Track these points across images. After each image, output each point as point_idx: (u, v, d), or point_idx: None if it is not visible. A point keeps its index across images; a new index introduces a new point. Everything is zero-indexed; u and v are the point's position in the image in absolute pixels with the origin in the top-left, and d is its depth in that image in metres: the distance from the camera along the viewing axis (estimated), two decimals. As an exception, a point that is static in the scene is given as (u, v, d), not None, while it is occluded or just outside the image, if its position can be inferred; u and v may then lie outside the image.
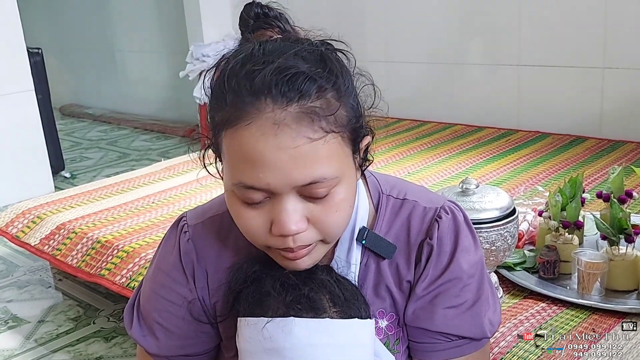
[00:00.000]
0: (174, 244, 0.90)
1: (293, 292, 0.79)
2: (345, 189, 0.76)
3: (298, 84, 0.70)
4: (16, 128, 3.32)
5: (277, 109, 0.70)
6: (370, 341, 0.82)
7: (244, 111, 0.70)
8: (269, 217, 0.75)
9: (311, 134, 0.70)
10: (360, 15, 3.61)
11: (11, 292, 2.30)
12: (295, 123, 0.70)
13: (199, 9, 4.14)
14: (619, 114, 2.80)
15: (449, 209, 0.88)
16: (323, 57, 0.75)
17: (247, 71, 0.72)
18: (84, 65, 5.85)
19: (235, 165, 0.73)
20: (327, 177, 0.72)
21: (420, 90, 3.46)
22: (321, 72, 0.72)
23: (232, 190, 0.75)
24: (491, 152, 2.69)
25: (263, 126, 0.70)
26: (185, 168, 2.70)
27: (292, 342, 0.77)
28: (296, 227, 0.73)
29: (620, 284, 1.44)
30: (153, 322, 0.90)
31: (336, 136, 0.73)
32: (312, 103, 0.71)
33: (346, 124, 0.74)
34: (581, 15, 2.81)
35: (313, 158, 0.71)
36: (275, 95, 0.70)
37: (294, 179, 0.71)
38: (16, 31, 3.28)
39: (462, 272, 0.86)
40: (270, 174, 0.71)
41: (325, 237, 0.77)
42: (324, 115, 0.71)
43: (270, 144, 0.69)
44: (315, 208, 0.74)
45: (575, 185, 1.56)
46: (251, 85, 0.71)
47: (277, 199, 0.73)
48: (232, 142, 0.72)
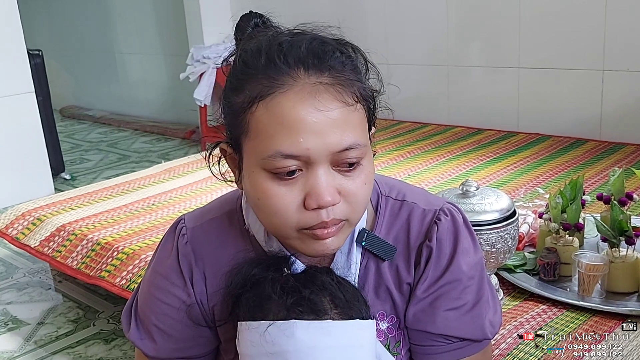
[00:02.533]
0: (172, 247, 0.90)
1: (294, 295, 0.79)
2: (370, 163, 0.79)
3: (329, 54, 0.75)
4: (16, 130, 3.32)
5: (311, 75, 0.73)
6: (372, 342, 0.82)
7: (279, 80, 0.73)
8: (302, 191, 0.75)
9: (346, 97, 0.74)
10: (360, 17, 3.62)
11: (11, 293, 2.30)
12: (331, 87, 0.73)
13: (199, 11, 4.14)
14: (618, 116, 2.80)
15: (448, 211, 0.88)
16: (339, 40, 0.79)
17: (280, 42, 0.75)
18: (84, 67, 5.86)
19: (271, 135, 0.73)
20: (360, 144, 0.75)
21: (421, 92, 3.46)
22: (347, 48, 0.78)
23: (262, 167, 0.75)
24: (491, 154, 2.69)
25: (301, 91, 0.72)
26: (185, 170, 2.70)
27: (295, 345, 0.76)
28: (332, 198, 0.74)
29: (621, 286, 1.43)
30: (151, 325, 0.90)
31: (362, 108, 0.77)
32: (343, 73, 0.75)
33: (367, 99, 0.78)
34: (581, 17, 2.81)
35: (348, 123, 0.74)
36: (309, 65, 0.74)
37: (332, 143, 0.73)
38: (17, 33, 3.29)
39: (462, 274, 0.86)
40: (310, 138, 0.72)
41: (353, 213, 0.78)
42: (354, 85, 0.75)
43: (309, 107, 0.72)
44: (345, 181, 0.76)
45: (576, 188, 1.56)
46: (285, 55, 0.74)
47: (311, 171, 0.74)
48: (266, 113, 0.73)
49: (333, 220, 0.76)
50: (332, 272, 0.84)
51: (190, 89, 4.05)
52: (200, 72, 3.96)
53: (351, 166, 0.75)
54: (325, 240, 0.77)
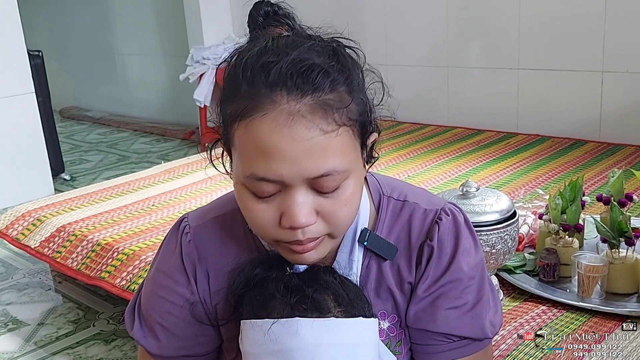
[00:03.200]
0: (176, 245, 0.90)
1: (297, 294, 0.79)
2: (354, 183, 0.77)
3: (312, 76, 0.71)
4: (16, 130, 3.32)
5: (291, 100, 0.71)
6: (375, 340, 0.82)
7: (259, 102, 0.71)
8: (279, 209, 0.75)
9: (325, 126, 0.71)
10: (360, 18, 3.62)
11: (11, 294, 2.30)
12: (310, 115, 0.70)
13: (199, 12, 4.14)
14: (618, 117, 2.80)
15: (450, 211, 0.88)
16: (335, 51, 0.76)
17: (263, 63, 0.72)
18: (84, 68, 5.86)
19: (249, 156, 0.73)
20: (338, 170, 0.73)
21: (420, 93, 3.47)
22: (335, 65, 0.73)
23: (243, 183, 0.76)
24: (491, 155, 2.69)
25: (278, 117, 0.70)
26: (185, 170, 2.70)
27: (298, 343, 0.77)
28: (306, 220, 0.74)
29: (620, 286, 1.44)
30: (154, 323, 0.90)
31: (347, 130, 0.74)
32: (326, 96, 0.72)
33: (357, 118, 0.75)
34: (580, 18, 2.81)
35: (325, 150, 0.72)
36: (290, 88, 0.71)
37: (307, 170, 0.72)
38: (17, 34, 3.29)
39: (463, 274, 0.86)
40: (283, 166, 0.71)
41: (334, 230, 0.78)
42: (337, 108, 0.72)
43: (284, 135, 0.70)
44: (324, 202, 0.75)
45: (575, 189, 1.56)
46: (266, 77, 0.71)
47: (288, 192, 0.74)
48: (245, 134, 0.73)
49: (309, 238, 0.76)
50: (335, 271, 0.85)
51: (190, 90, 4.05)
52: (200, 73, 3.97)
53: (329, 190, 0.74)
54: (303, 254, 0.78)
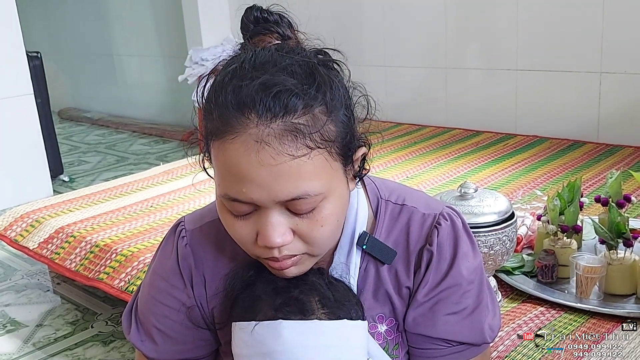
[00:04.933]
0: (172, 249, 0.90)
1: (283, 295, 0.80)
2: (333, 204, 0.76)
3: (282, 100, 0.69)
4: (15, 132, 3.32)
5: (261, 124, 0.69)
6: (362, 343, 0.82)
7: (230, 125, 0.71)
8: (255, 227, 0.75)
9: (294, 151, 0.70)
10: (359, 19, 3.62)
11: (9, 295, 2.30)
12: (278, 140, 0.69)
13: (197, 13, 4.14)
14: (616, 118, 2.80)
15: (448, 216, 0.88)
16: (312, 71, 0.73)
17: (234, 86, 0.72)
18: (82, 69, 5.85)
19: (222, 177, 0.74)
20: (311, 194, 0.72)
21: (418, 94, 3.47)
22: (307, 88, 0.71)
23: (220, 199, 0.76)
24: (489, 156, 2.69)
25: (246, 142, 0.70)
26: (183, 172, 2.71)
27: (284, 344, 0.77)
28: (281, 240, 0.74)
29: (619, 288, 1.44)
30: (151, 327, 0.90)
31: (322, 152, 0.72)
32: (297, 119, 0.70)
33: (334, 138, 0.74)
34: (578, 19, 2.82)
35: (296, 174, 0.71)
36: (259, 111, 0.69)
37: (277, 194, 0.71)
38: (15, 35, 3.29)
39: (462, 279, 0.86)
40: (253, 190, 0.71)
41: (311, 250, 0.78)
42: (309, 133, 0.70)
43: (252, 161, 0.70)
44: (300, 222, 0.75)
45: (574, 190, 1.57)
46: (236, 100, 0.71)
47: (262, 212, 0.74)
48: (218, 154, 0.74)
49: (285, 256, 0.76)
50: (324, 272, 0.84)
51: (189, 91, 4.05)
52: (199, 74, 3.96)
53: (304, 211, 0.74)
54: (282, 270, 0.78)
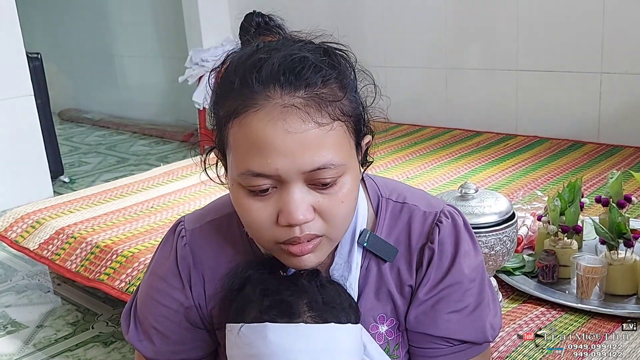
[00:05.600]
0: (171, 249, 0.90)
1: (271, 298, 0.79)
2: (351, 180, 0.77)
3: (304, 71, 0.72)
4: (15, 133, 3.32)
5: (285, 95, 0.71)
6: (352, 346, 0.80)
7: (252, 99, 0.72)
8: (276, 207, 0.74)
9: (319, 118, 0.71)
10: (359, 20, 3.62)
11: (10, 296, 2.30)
12: (304, 107, 0.71)
13: (198, 14, 4.15)
14: (616, 118, 2.80)
15: (449, 214, 0.88)
16: (327, 50, 0.77)
17: (255, 60, 0.73)
18: (83, 70, 5.86)
19: (244, 153, 0.73)
20: (334, 164, 0.73)
21: (419, 95, 3.47)
22: (326, 60, 0.74)
23: (238, 182, 0.75)
24: (490, 156, 2.69)
25: (271, 112, 0.71)
26: (184, 173, 2.71)
27: (270, 347, 0.77)
28: (303, 216, 0.73)
29: (619, 288, 1.44)
30: (149, 327, 0.90)
31: (342, 125, 0.74)
32: (319, 90, 0.72)
33: (350, 114, 0.76)
34: (579, 20, 2.82)
35: (321, 143, 0.72)
36: (283, 83, 0.71)
37: (302, 164, 0.72)
38: (15, 36, 3.29)
39: (464, 277, 0.86)
40: (278, 160, 0.71)
41: (331, 229, 0.77)
42: (330, 101, 0.72)
43: (278, 129, 0.70)
44: (322, 198, 0.75)
45: (574, 190, 1.56)
46: (259, 73, 0.72)
47: (284, 188, 0.73)
48: (240, 131, 0.73)
49: (307, 235, 0.75)
50: (318, 274, 0.83)
51: (189, 92, 4.05)
52: (199, 75, 3.97)
53: (326, 185, 0.74)
54: (302, 257, 0.77)
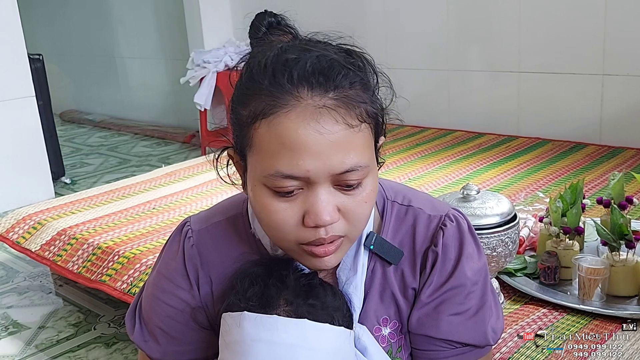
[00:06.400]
0: (178, 249, 0.90)
1: (254, 289, 0.80)
2: (373, 181, 0.78)
3: (334, 73, 0.72)
4: (17, 134, 3.33)
5: (315, 96, 0.71)
6: (327, 347, 0.79)
7: (283, 99, 0.71)
8: (301, 208, 0.75)
9: (350, 120, 0.72)
10: (360, 22, 3.63)
11: (11, 298, 2.30)
12: (335, 109, 0.71)
13: (199, 16, 4.15)
14: (618, 120, 2.80)
15: (454, 217, 0.88)
16: (350, 52, 0.77)
17: (285, 60, 0.73)
18: (84, 71, 5.86)
19: (272, 154, 0.73)
20: (362, 165, 0.74)
21: (421, 96, 3.47)
22: (352, 62, 0.75)
23: (263, 183, 0.75)
24: (491, 158, 2.69)
25: (303, 112, 0.71)
26: (185, 174, 2.71)
27: (241, 335, 0.78)
28: (330, 217, 0.74)
29: (621, 289, 1.44)
30: (155, 327, 0.90)
31: (367, 126, 0.75)
32: (347, 92, 0.73)
33: (373, 116, 0.76)
34: (581, 21, 2.82)
35: (350, 145, 0.72)
36: (313, 84, 0.71)
37: (332, 165, 0.72)
38: (17, 37, 3.29)
39: (467, 280, 0.86)
40: (310, 161, 0.71)
41: (352, 229, 0.78)
42: (360, 103, 0.73)
43: (311, 130, 0.71)
44: (346, 199, 0.75)
45: (576, 191, 1.56)
46: (290, 74, 0.72)
47: (312, 190, 0.74)
48: (268, 131, 0.72)
49: (331, 236, 0.76)
50: (315, 275, 0.84)
51: (191, 93, 4.06)
52: (201, 77, 3.97)
53: (351, 186, 0.75)
54: (324, 257, 0.77)
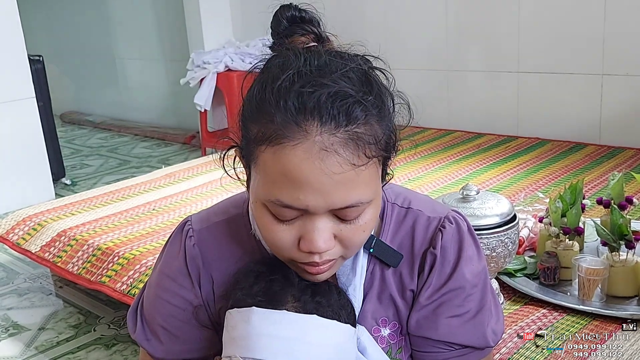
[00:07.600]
0: (179, 249, 0.90)
1: (260, 285, 0.81)
2: (374, 210, 0.77)
3: (347, 108, 0.70)
4: (17, 135, 3.33)
5: (324, 132, 0.69)
6: (332, 343, 0.80)
7: (291, 130, 0.70)
8: (299, 232, 0.75)
9: (356, 160, 0.70)
10: (360, 21, 3.63)
11: (12, 299, 2.30)
12: (342, 149, 0.70)
13: (199, 16, 4.15)
14: (618, 120, 2.80)
15: (453, 219, 0.88)
16: (369, 78, 0.75)
17: (298, 91, 0.70)
18: (84, 73, 5.86)
19: (274, 182, 0.72)
20: (364, 201, 0.74)
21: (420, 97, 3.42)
22: (368, 96, 0.72)
23: (264, 204, 0.75)
24: (491, 158, 2.69)
25: (310, 149, 0.69)
26: (185, 175, 2.71)
27: (247, 330, 0.78)
28: (325, 245, 0.74)
29: (621, 290, 1.44)
30: (157, 327, 0.91)
31: (375, 161, 0.74)
32: (359, 128, 0.71)
33: (384, 147, 0.75)
34: (580, 22, 2.82)
35: (354, 183, 0.72)
36: (324, 119, 0.69)
37: (333, 202, 0.72)
38: (17, 38, 3.29)
39: (466, 282, 0.86)
40: (310, 197, 0.71)
41: (348, 252, 0.79)
42: (369, 142, 0.71)
43: (315, 168, 0.69)
44: (344, 227, 0.75)
45: (576, 192, 1.56)
46: (301, 106, 0.70)
47: (310, 218, 0.74)
48: (273, 160, 0.71)
49: (325, 261, 0.77)
50: None
51: (191, 94, 4.06)
52: (201, 78, 3.97)
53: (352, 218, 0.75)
54: (317, 275, 0.79)
